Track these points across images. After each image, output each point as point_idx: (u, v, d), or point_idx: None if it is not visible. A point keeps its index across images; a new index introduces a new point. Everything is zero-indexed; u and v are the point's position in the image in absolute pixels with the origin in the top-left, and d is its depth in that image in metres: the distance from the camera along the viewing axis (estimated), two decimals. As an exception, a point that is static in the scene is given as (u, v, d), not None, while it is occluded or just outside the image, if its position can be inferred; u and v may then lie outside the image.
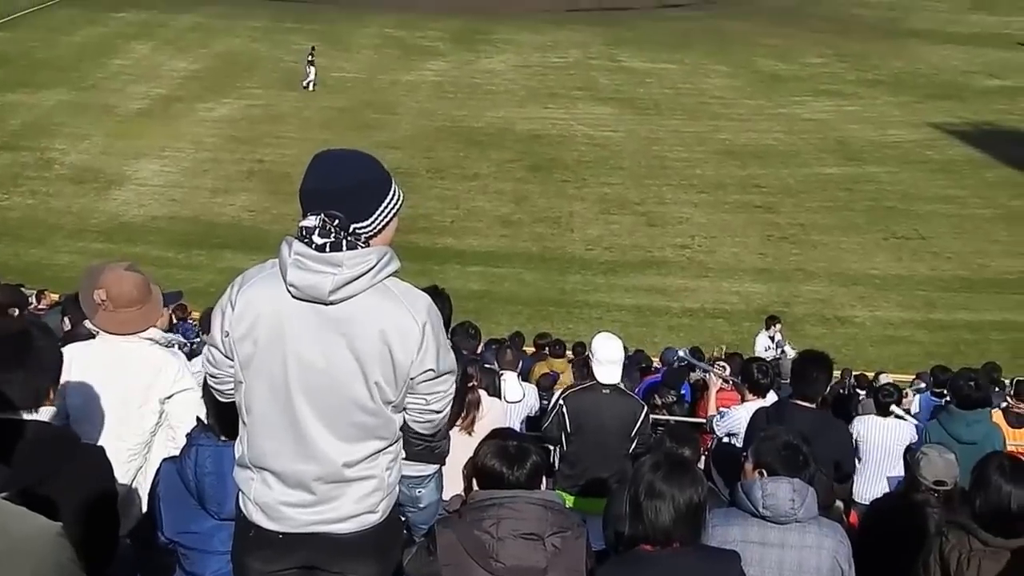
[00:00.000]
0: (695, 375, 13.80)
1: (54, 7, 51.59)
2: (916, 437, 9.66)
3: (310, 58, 38.82)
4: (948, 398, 10.09)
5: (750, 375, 9.46)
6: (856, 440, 9.51)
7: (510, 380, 9.82)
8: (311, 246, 3.37)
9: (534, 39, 51.12)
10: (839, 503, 8.16)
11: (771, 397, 8.93)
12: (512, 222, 28.37)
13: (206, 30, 48.89)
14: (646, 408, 8.00)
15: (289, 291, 3.41)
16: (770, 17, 60.67)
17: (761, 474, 4.69)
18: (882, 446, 9.42)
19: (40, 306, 12.99)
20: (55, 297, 14.02)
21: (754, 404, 8.61)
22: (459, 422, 7.32)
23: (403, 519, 3.85)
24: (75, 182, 29.32)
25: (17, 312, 6.79)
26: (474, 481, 4.30)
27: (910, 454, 7.07)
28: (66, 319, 8.76)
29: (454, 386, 3.76)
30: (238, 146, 32.70)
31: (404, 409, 3.62)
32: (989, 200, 31.58)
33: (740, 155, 34.69)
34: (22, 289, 11.70)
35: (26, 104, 35.85)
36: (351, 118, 35.76)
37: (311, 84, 38.87)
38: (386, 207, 3.53)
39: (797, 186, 32.03)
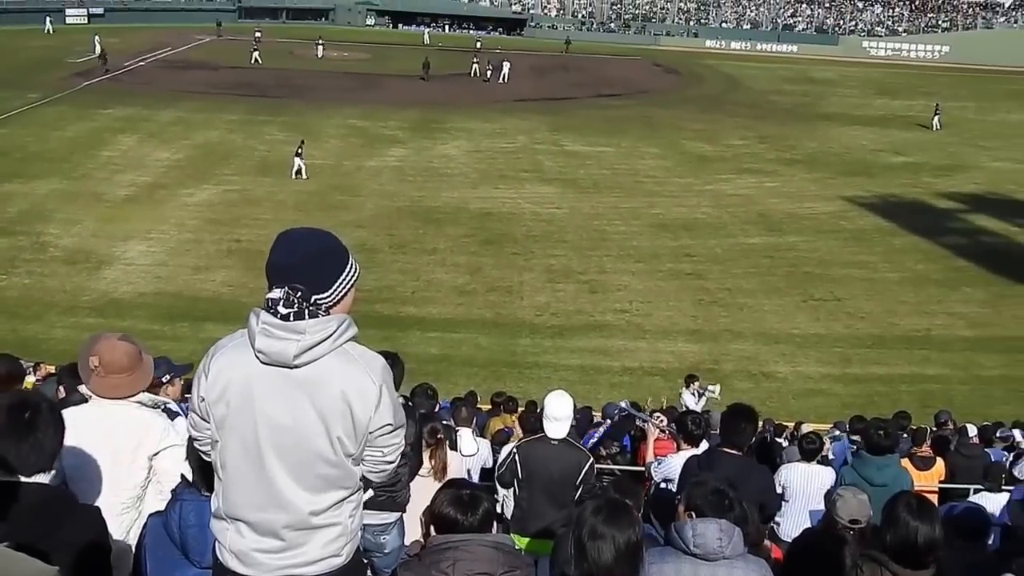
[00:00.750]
0: (638, 423, 13.83)
1: (46, 105, 51.32)
2: (835, 480, 9.76)
3: (299, 150, 38.48)
4: (860, 444, 10.21)
5: (684, 426, 9.55)
6: (783, 485, 9.61)
7: (465, 435, 9.89)
8: (277, 316, 3.45)
9: (485, 127, 51.44)
10: (768, 542, 8.23)
11: (704, 446, 9.02)
12: (467, 291, 28.38)
13: (187, 123, 48.80)
14: (591, 459, 8.06)
15: (258, 357, 3.48)
16: (695, 105, 61.39)
17: (691, 516, 4.76)
18: (806, 489, 9.52)
19: (37, 377, 12.86)
20: (51, 369, 13.86)
21: (688, 452, 8.71)
22: (429, 470, 7.35)
23: (365, 561, 3.89)
24: (68, 263, 29.09)
25: (20, 384, 6.76)
26: (432, 527, 4.34)
27: (827, 495, 7.16)
28: (61, 387, 8.72)
29: (403, 440, 3.83)
30: (217, 227, 32.58)
31: (362, 461, 3.67)
32: (897, 264, 31.97)
33: (672, 228, 34.90)
34: (20, 362, 11.61)
35: (22, 193, 35.60)
36: (320, 200, 35.76)
37: (300, 172, 38.53)
38: (344, 279, 3.60)
39: (724, 255, 32.25)
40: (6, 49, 68.24)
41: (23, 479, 3.71)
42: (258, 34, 76.14)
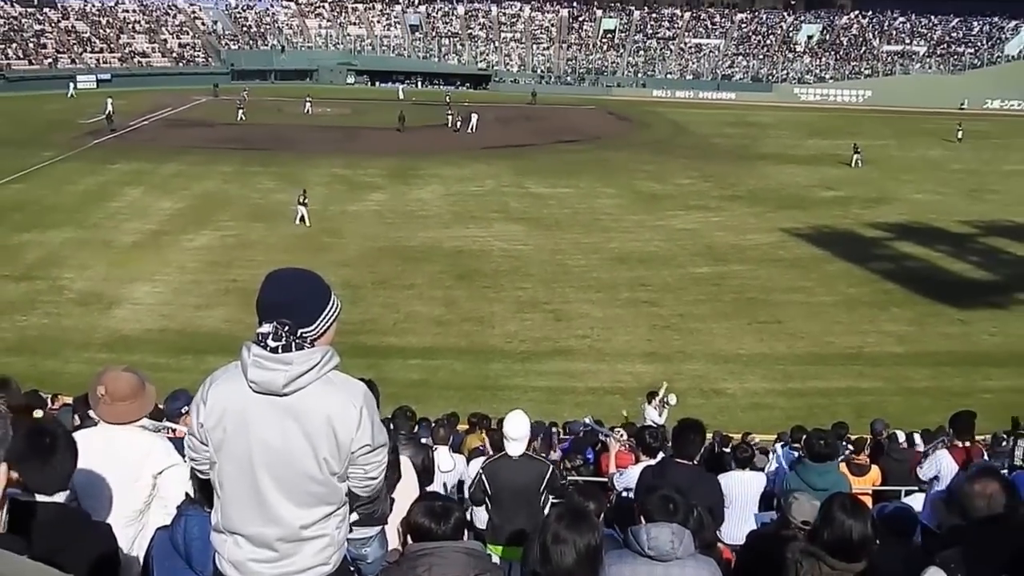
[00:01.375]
0: (601, 437, 13.85)
1: (60, 162, 51.21)
2: (765, 485, 9.80)
3: (302, 199, 38.40)
4: (802, 452, 10.25)
5: (643, 440, 9.59)
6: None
7: (442, 453, 9.90)
8: (267, 348, 3.48)
9: (456, 172, 51.54)
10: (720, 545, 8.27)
11: (660, 456, 9.05)
12: (444, 322, 28.35)
13: (187, 176, 48.72)
14: (552, 467, 8.10)
15: (250, 386, 3.51)
16: (646, 148, 61.76)
17: (642, 520, 4.80)
18: (743, 494, 9.52)
19: (54, 407, 12.84)
20: (67, 399, 13.84)
21: (640, 465, 8.75)
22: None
23: (352, 570, 3.91)
24: (81, 304, 28.94)
25: (41, 413, 6.75)
26: (408, 536, 4.37)
27: (783, 498, 7.19)
28: (76, 416, 8.75)
29: (387, 457, 3.86)
30: (216, 269, 32.49)
31: (347, 478, 3.69)
32: (831, 289, 32.15)
33: (628, 260, 35.01)
34: (39, 394, 11.60)
35: (39, 242, 35.43)
36: (308, 242, 35.71)
37: (303, 219, 38.34)
38: (327, 314, 3.65)
39: (676, 284, 32.36)
40: (24, 113, 68.35)
41: (40, 498, 3.74)
42: (244, 94, 76.41)
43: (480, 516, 8.15)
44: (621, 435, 12.10)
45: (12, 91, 79.65)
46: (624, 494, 8.80)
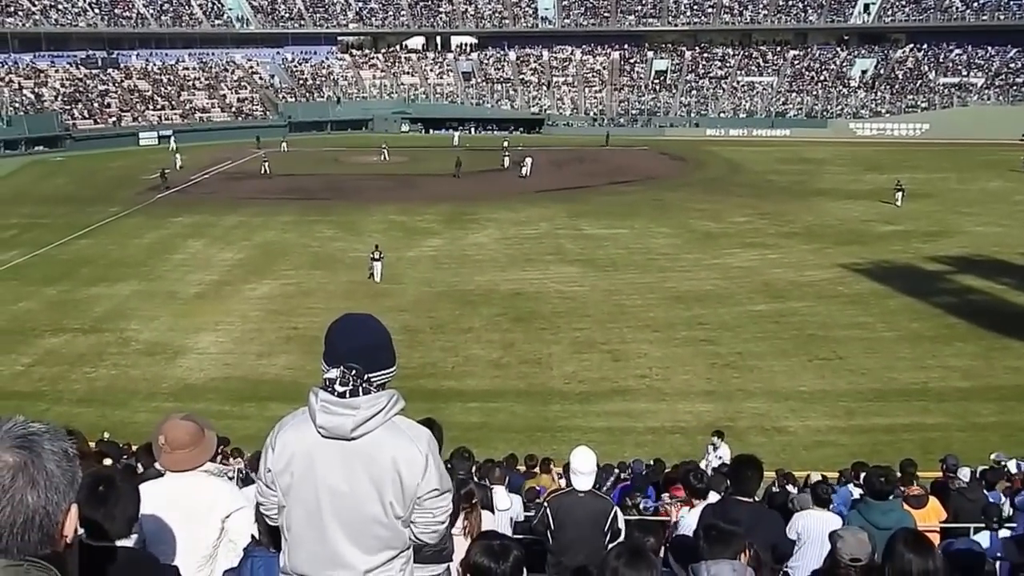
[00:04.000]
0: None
1: (124, 217, 52.46)
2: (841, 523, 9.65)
3: (376, 256, 37.64)
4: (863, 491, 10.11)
5: (687, 482, 9.56)
6: (798, 531, 9.46)
7: (499, 493, 9.94)
8: (334, 393, 3.54)
9: (511, 216, 51.86)
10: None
11: (712, 496, 8.99)
12: (502, 365, 28.42)
13: (247, 227, 49.59)
14: (616, 507, 8.09)
15: (319, 432, 3.58)
16: (700, 187, 61.66)
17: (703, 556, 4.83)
18: (820, 534, 9.38)
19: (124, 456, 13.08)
20: (134, 448, 14.09)
21: (700, 505, 8.71)
22: (463, 529, 7.40)
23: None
24: (148, 355, 29.44)
25: (110, 461, 6.91)
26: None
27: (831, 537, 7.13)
28: (139, 464, 8.93)
29: (451, 504, 3.90)
30: (277, 317, 32.90)
31: (412, 524, 3.73)
32: (893, 324, 31.73)
33: (685, 299, 34.88)
34: (116, 444, 11.85)
35: (106, 295, 36.21)
36: (367, 289, 36.05)
37: (377, 275, 37.50)
38: (394, 359, 3.69)
39: (733, 322, 32.15)
40: (90, 171, 70.32)
41: (116, 543, 3.86)
42: (284, 144, 77.89)
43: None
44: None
45: (78, 150, 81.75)
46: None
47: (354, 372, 3.56)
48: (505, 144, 76.81)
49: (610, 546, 7.31)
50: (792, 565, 9.17)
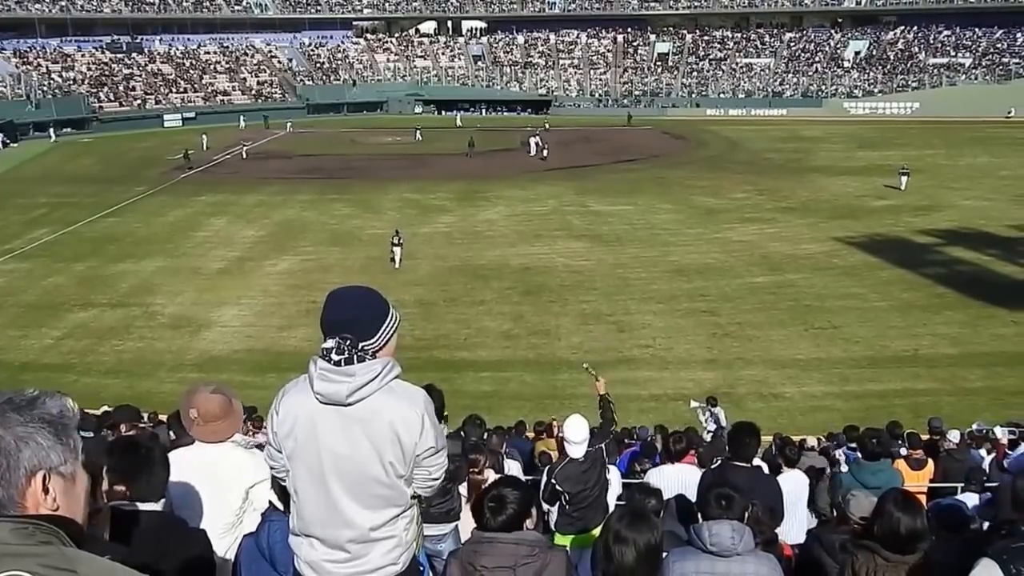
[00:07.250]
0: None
1: (150, 196, 52.55)
2: (808, 482, 9.62)
3: (396, 240, 36.52)
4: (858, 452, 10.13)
5: (667, 446, 9.67)
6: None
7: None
8: (331, 362, 3.56)
9: (520, 194, 51.76)
10: (782, 540, 8.22)
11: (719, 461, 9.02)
12: (512, 336, 28.43)
13: (268, 205, 49.64)
14: (602, 447, 8.19)
15: (317, 398, 3.59)
16: (701, 165, 61.48)
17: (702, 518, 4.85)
18: (791, 491, 9.39)
19: (151, 424, 13.11)
20: (162, 417, 14.15)
21: (679, 466, 8.90)
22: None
23: (421, 567, 4.02)
24: (173, 328, 29.53)
25: (136, 429, 6.92)
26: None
27: (840, 496, 7.11)
28: (171, 432, 8.95)
29: (447, 460, 3.93)
30: (296, 291, 32.92)
31: (412, 481, 3.75)
32: (885, 294, 31.66)
33: (687, 272, 34.83)
34: (138, 411, 11.89)
35: (133, 271, 36.31)
36: (382, 265, 36.04)
37: (398, 261, 36.20)
38: (386, 328, 3.70)
39: (733, 293, 32.11)
40: (117, 152, 70.35)
41: (141, 507, 3.87)
42: (289, 126, 77.65)
43: (550, 514, 8.35)
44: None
45: (105, 131, 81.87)
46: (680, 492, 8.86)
47: (348, 342, 3.58)
48: (546, 126, 77.20)
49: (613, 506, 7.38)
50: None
